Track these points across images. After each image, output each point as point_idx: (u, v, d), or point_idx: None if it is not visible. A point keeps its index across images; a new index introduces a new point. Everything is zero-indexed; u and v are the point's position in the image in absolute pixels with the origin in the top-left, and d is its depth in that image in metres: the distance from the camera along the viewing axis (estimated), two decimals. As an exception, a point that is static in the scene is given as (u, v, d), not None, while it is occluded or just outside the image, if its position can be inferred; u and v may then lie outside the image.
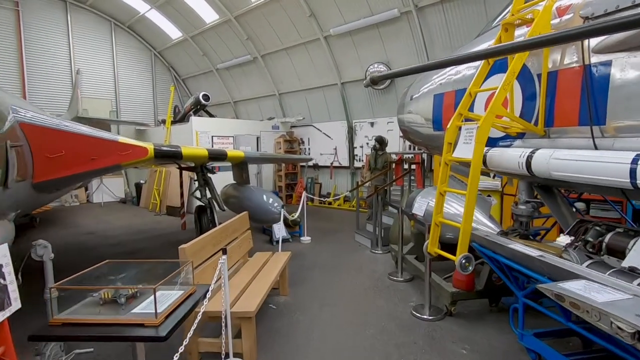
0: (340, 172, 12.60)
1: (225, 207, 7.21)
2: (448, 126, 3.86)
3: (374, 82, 5.02)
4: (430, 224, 4.02)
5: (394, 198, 9.32)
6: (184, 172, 8.43)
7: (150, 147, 4.19)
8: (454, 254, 3.78)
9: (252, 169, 11.64)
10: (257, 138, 13.12)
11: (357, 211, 8.11)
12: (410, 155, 9.56)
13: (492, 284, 4.31)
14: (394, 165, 8.72)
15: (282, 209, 5.54)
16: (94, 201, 13.65)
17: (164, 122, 12.97)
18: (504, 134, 3.89)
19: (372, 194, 7.16)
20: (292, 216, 7.52)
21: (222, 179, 8.43)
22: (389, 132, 10.91)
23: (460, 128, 3.80)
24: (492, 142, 3.94)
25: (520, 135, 3.88)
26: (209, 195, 7.02)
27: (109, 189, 13.82)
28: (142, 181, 13.10)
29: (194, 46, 14.99)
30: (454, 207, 4.60)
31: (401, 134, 10.71)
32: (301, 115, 12.96)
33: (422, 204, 5.25)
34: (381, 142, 8.45)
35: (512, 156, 3.50)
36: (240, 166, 7.10)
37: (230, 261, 4.14)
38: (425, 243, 3.98)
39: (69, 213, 11.71)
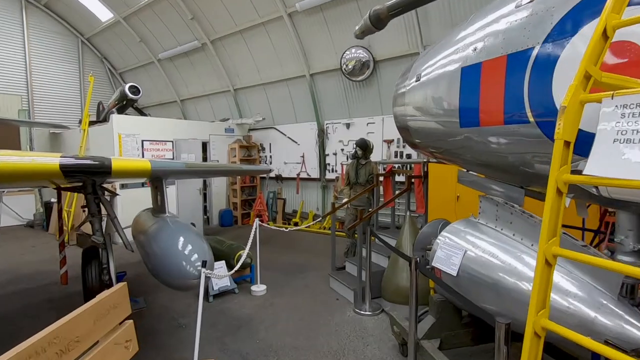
0: (309, 185, 10.30)
1: (134, 248, 4.74)
2: (563, 103, 1.65)
3: (380, 22, 2.84)
4: (507, 324, 1.80)
5: (381, 220, 7.12)
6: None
7: None
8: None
9: (196, 183, 9.14)
10: (205, 144, 10.62)
11: (333, 246, 5.80)
12: (397, 166, 7.43)
13: None
14: (381, 179, 6.54)
15: (204, 269, 3.11)
16: (-11, 225, 10.62)
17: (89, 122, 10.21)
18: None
19: (355, 224, 4.89)
20: (239, 256, 5.16)
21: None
22: (369, 134, 8.76)
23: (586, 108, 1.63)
24: (586, 139, 1.78)
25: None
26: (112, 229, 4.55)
27: (12, 208, 10.83)
28: (53, 200, 10.23)
29: (128, 30, 12.31)
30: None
31: (383, 140, 8.73)
32: (261, 116, 10.60)
33: (452, 253, 3.04)
34: (364, 147, 6.24)
35: None
36: (154, 184, 4.66)
37: None
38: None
39: (-59, 244, 8.71)
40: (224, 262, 5.36)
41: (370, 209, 6.30)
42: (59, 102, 13.23)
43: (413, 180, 5.69)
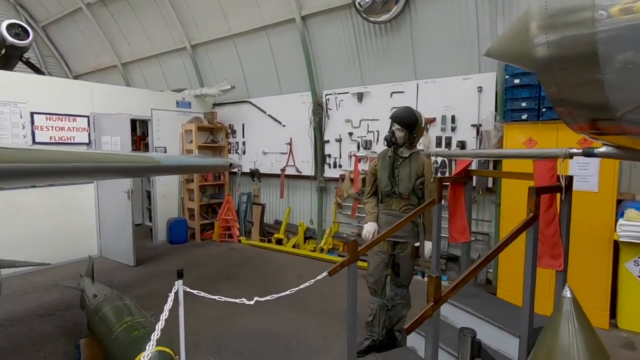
0: (299, 185, 7.43)
1: None
2: None
3: None
4: None
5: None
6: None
7: None
8: None
9: (122, 183, 6.17)
10: (146, 122, 7.67)
11: (352, 337, 2.87)
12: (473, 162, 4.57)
13: None
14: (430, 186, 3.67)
15: None
16: None
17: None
18: None
19: (419, 316, 2.00)
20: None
21: None
22: (393, 110, 5.92)
23: None
24: None
25: None
26: None
27: None
28: None
29: (43, -39, 9.18)
30: None
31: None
32: (229, 83, 7.62)
33: None
34: (411, 123, 3.36)
35: None
36: None
37: None
38: None
39: None
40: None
41: (416, 244, 3.47)
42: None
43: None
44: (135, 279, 5.68)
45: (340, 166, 6.69)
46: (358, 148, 6.43)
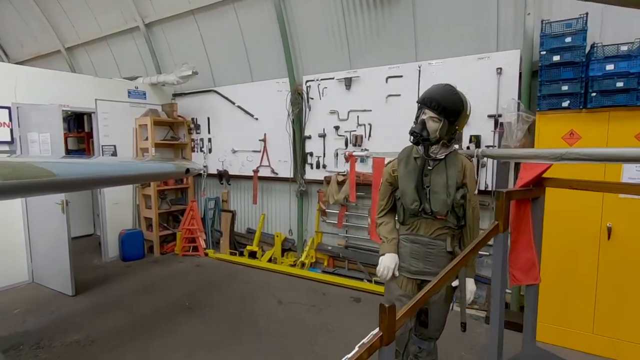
0: (275, 188, 6.29)
1: None
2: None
3: None
4: None
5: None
6: None
7: None
8: None
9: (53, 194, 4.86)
10: (90, 115, 6.33)
11: None
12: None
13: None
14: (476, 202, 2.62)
15: None
16: None
17: None
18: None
19: None
20: None
21: None
22: (390, 98, 4.94)
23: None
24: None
25: None
26: None
27: None
28: None
29: None
30: None
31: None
32: (190, 68, 6.34)
33: None
34: (452, 109, 2.24)
35: None
36: None
37: None
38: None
39: None
40: None
41: (454, 283, 2.42)
42: None
43: None
44: (69, 317, 4.41)
45: (324, 166, 5.60)
46: (346, 145, 5.36)
